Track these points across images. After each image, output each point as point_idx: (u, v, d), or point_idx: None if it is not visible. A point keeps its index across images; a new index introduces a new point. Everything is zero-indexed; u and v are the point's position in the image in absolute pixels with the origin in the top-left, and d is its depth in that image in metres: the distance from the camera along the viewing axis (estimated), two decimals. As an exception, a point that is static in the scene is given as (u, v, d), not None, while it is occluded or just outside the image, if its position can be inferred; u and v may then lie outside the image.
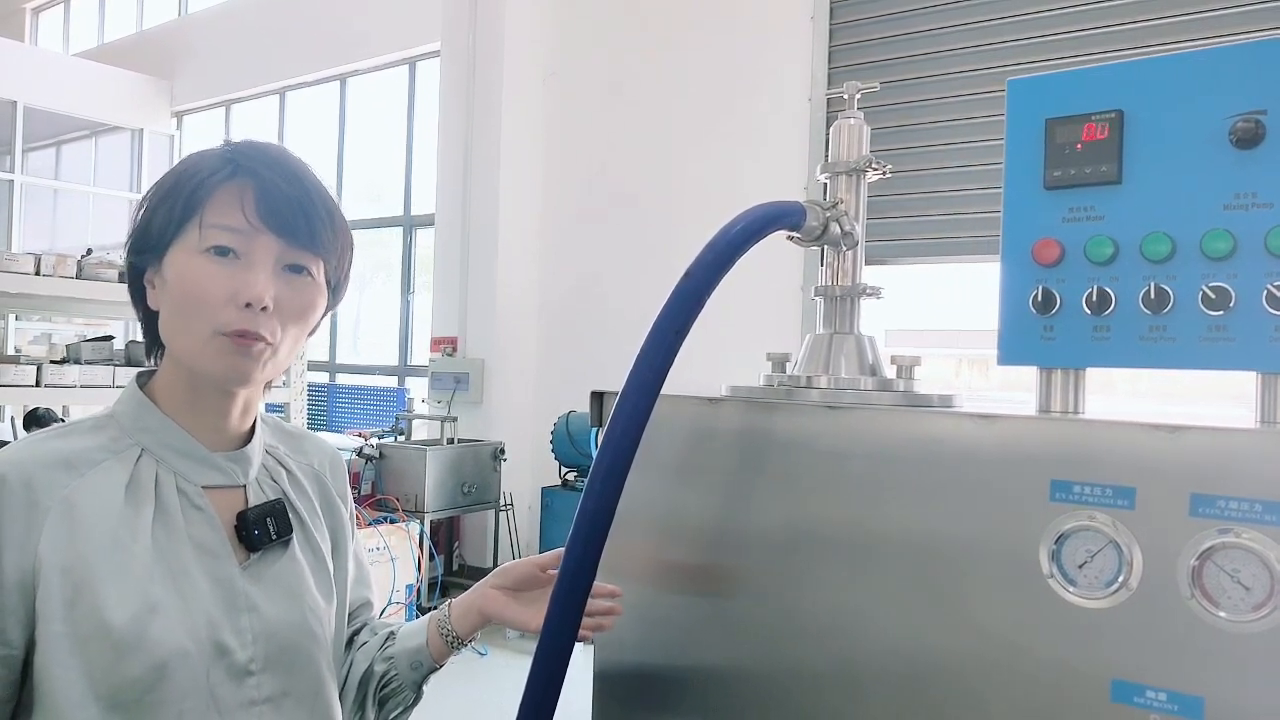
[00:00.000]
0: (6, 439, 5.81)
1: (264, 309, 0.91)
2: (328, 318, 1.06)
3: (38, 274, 3.91)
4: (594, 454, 0.94)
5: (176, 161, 0.98)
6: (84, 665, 0.86)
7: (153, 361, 1.02)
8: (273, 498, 1.02)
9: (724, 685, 0.99)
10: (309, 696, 0.99)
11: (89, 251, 4.58)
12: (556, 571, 1.01)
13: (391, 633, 1.15)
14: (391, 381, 7.71)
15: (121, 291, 4.12)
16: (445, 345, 6.30)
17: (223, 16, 9.49)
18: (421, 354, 7.31)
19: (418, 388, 7.04)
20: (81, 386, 3.97)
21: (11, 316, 7.84)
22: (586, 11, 6.19)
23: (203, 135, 10.25)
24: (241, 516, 0.97)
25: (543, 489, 5.53)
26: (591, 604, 0.99)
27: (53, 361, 4.08)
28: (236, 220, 0.92)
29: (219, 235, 0.91)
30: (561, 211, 6.25)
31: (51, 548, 0.87)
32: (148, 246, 0.95)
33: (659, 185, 5.76)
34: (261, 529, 0.98)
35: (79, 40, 11.78)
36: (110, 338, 4.49)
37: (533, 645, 0.98)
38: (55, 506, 0.88)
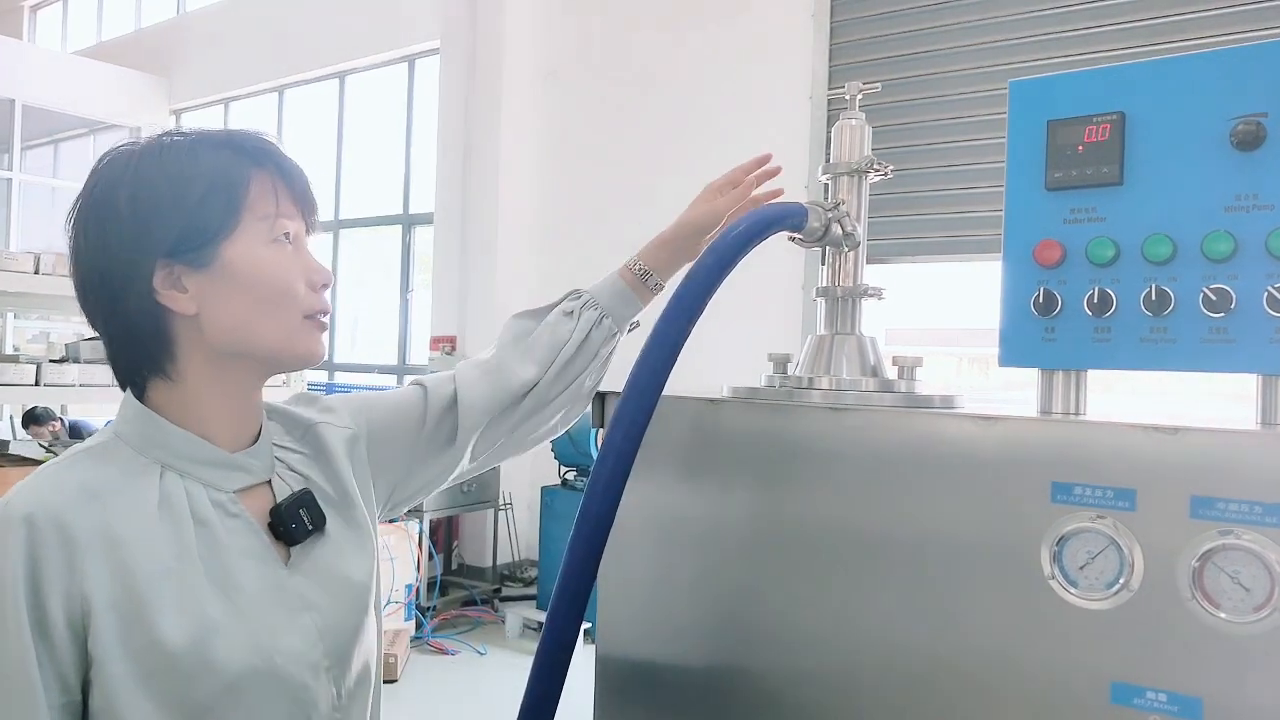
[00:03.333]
0: (6, 438, 5.80)
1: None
2: None
3: (37, 273, 3.91)
4: (594, 454, 0.94)
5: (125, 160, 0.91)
6: (152, 700, 0.83)
7: (163, 369, 0.92)
8: (296, 488, 0.98)
9: (724, 685, 0.99)
10: (371, 675, 0.99)
11: (88, 250, 4.57)
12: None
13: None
14: (390, 380, 7.71)
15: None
16: (444, 344, 6.30)
17: (221, 14, 9.48)
18: (420, 353, 7.31)
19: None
20: (80, 385, 3.96)
21: (10, 315, 7.84)
22: (586, 10, 6.19)
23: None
24: (274, 512, 0.94)
25: (542, 488, 5.53)
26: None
27: (52, 360, 4.07)
28: (285, 207, 0.93)
29: (284, 224, 0.93)
30: (561, 210, 6.25)
31: (97, 585, 0.83)
32: (193, 246, 0.88)
33: (659, 183, 5.75)
34: (297, 522, 0.94)
35: (77, 38, 11.76)
36: (109, 336, 4.48)
37: (533, 645, 0.98)
38: (93, 542, 0.83)
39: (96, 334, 0.96)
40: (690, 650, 1.02)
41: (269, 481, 0.97)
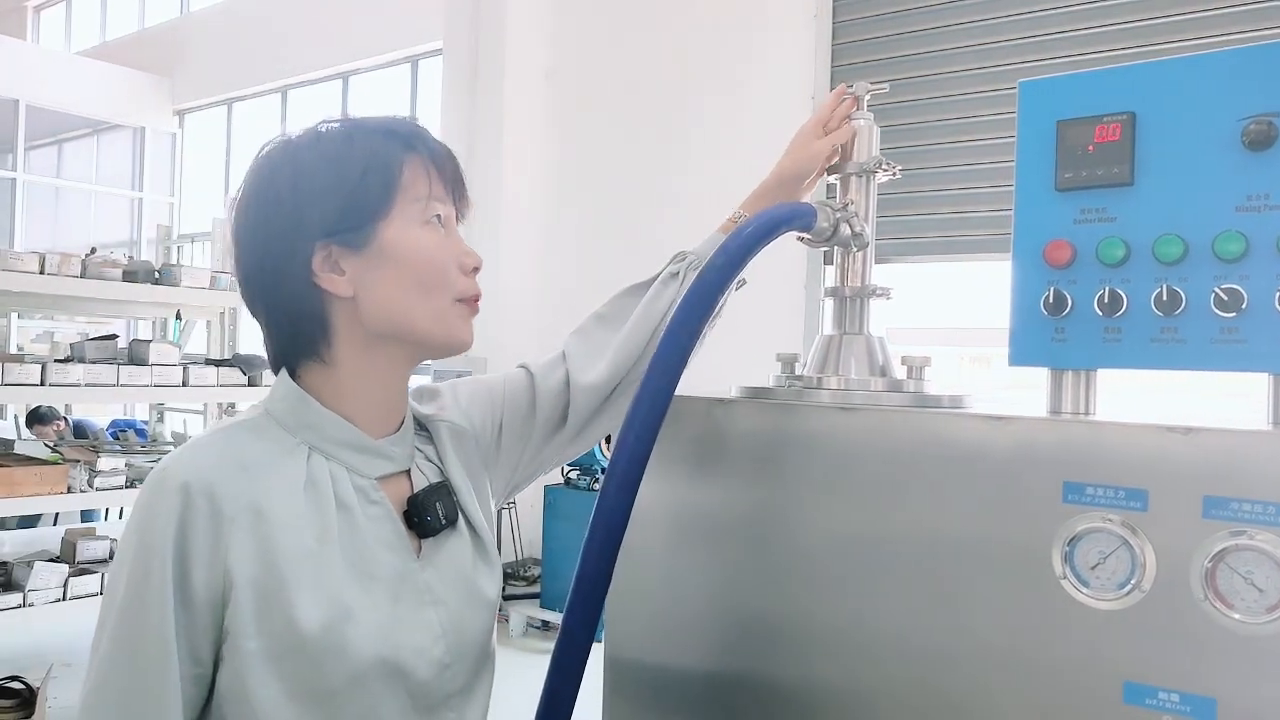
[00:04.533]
0: (10, 437, 5.81)
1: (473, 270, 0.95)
2: None
3: (42, 273, 3.92)
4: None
5: (277, 145, 0.93)
6: (281, 681, 0.83)
7: (320, 353, 0.94)
8: (433, 480, 0.98)
9: (734, 685, 0.99)
10: (490, 669, 0.99)
11: (93, 250, 4.59)
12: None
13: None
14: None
15: (124, 290, 4.10)
16: (447, 343, 6.30)
17: (224, 14, 9.49)
18: (424, 352, 7.31)
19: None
20: (86, 385, 3.97)
21: (14, 315, 7.85)
22: (588, 10, 6.19)
23: (205, 133, 10.26)
24: (412, 501, 0.94)
25: (545, 487, 5.53)
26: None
27: (57, 360, 4.08)
28: (438, 190, 0.93)
29: (436, 206, 0.93)
30: (564, 209, 6.25)
31: (240, 559, 0.83)
32: (350, 225, 0.89)
33: (661, 183, 5.76)
34: (432, 514, 0.94)
35: (81, 38, 11.78)
36: (114, 336, 4.49)
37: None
38: (240, 515, 0.84)
39: (255, 320, 0.96)
40: (700, 651, 1.02)
41: (408, 471, 0.97)
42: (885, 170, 1.11)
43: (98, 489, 4.04)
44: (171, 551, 0.82)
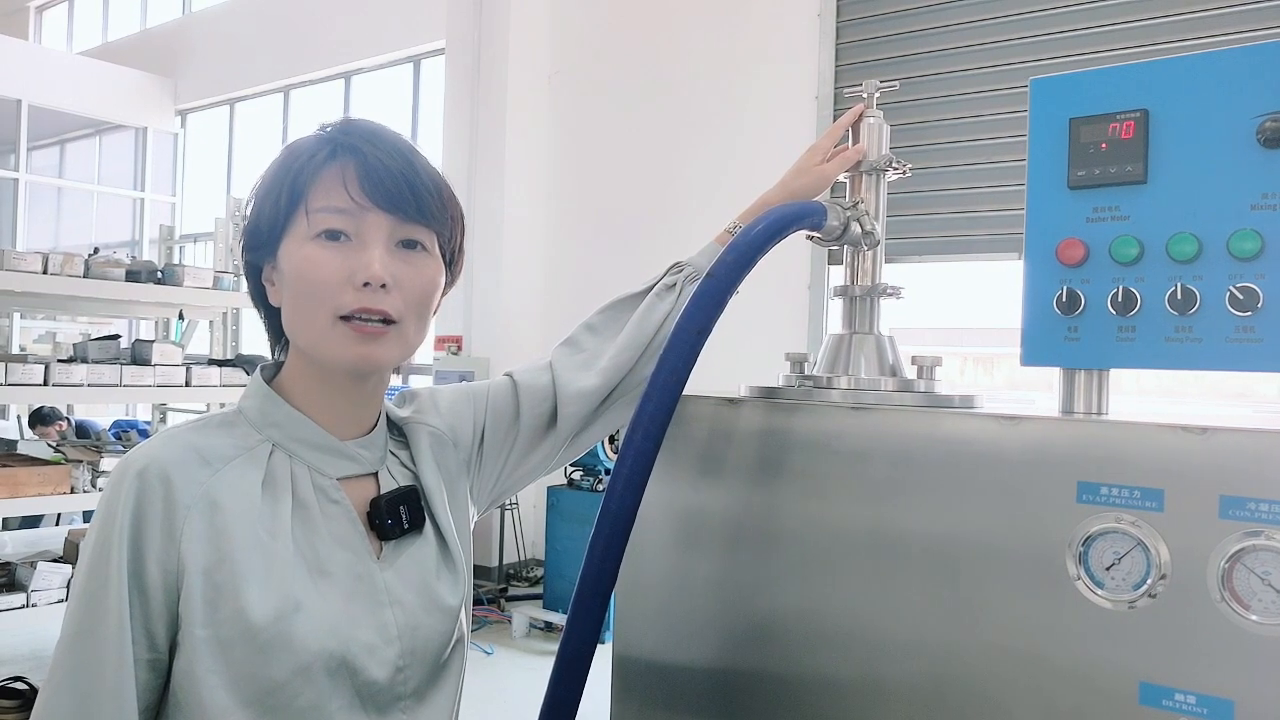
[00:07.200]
0: (13, 437, 5.81)
1: (383, 287, 0.87)
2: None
3: (45, 273, 3.92)
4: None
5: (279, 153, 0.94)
6: (228, 669, 0.84)
7: (275, 356, 1.00)
8: (403, 484, 0.98)
9: (743, 685, 0.99)
10: (451, 680, 0.99)
11: (95, 250, 4.58)
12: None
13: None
14: (395, 380, 7.70)
15: (127, 290, 4.07)
16: (450, 344, 6.30)
17: (226, 14, 9.50)
18: (426, 352, 7.31)
19: (422, 386, 7.03)
20: (89, 385, 3.96)
21: (16, 315, 7.85)
22: (592, 9, 6.19)
23: (207, 133, 10.27)
24: (374, 504, 0.94)
25: (548, 488, 5.52)
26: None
27: (60, 360, 4.08)
28: (342, 200, 0.88)
29: (327, 219, 0.88)
30: (567, 209, 6.24)
31: (193, 548, 0.84)
32: (260, 243, 0.92)
33: (665, 183, 5.76)
34: (394, 518, 0.94)
35: (83, 38, 11.79)
36: (117, 336, 4.49)
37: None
38: (195, 505, 0.85)
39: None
40: (708, 650, 1.02)
41: (376, 474, 0.97)
42: (895, 169, 1.10)
43: (100, 489, 4.04)
44: (128, 536, 0.83)
